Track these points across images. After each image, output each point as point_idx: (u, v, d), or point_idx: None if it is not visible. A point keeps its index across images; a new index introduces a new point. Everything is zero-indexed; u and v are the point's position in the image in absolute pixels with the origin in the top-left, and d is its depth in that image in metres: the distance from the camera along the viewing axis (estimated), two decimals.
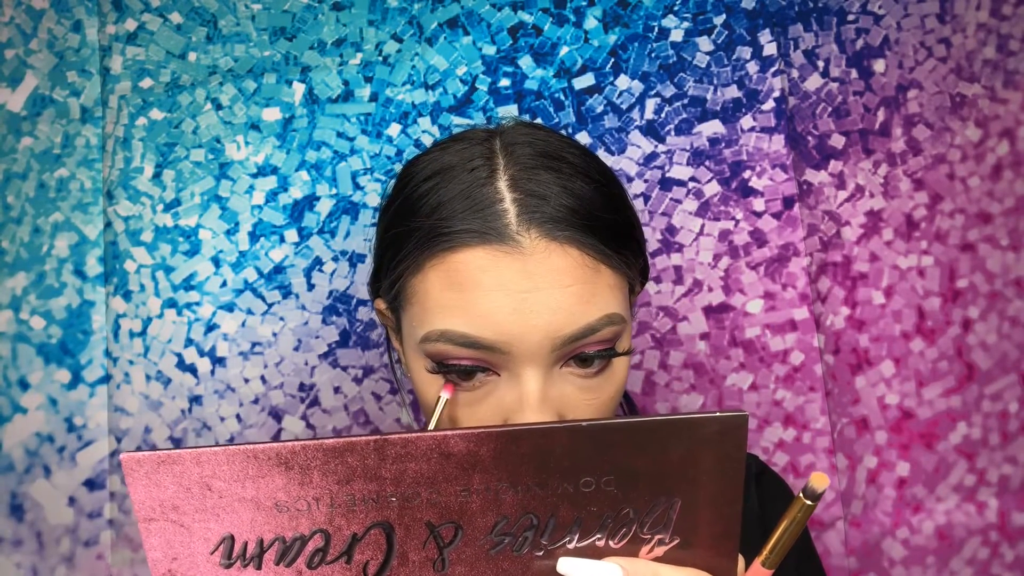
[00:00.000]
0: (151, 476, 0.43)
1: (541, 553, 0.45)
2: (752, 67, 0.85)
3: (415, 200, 0.56)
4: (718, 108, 0.85)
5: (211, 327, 0.84)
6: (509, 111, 0.85)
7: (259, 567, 0.45)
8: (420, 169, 0.58)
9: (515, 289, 0.51)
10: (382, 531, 0.45)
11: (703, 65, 0.85)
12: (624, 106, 0.85)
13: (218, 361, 0.84)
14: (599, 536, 0.45)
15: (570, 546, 0.45)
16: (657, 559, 0.46)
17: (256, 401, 0.84)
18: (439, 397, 0.55)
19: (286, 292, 0.84)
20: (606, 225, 0.54)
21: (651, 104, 0.85)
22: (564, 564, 0.45)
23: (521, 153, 0.56)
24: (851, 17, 0.87)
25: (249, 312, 0.84)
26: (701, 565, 0.46)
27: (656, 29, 0.85)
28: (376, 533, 0.45)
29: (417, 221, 0.55)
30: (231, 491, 0.44)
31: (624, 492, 0.44)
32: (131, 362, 0.84)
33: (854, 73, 0.87)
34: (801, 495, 0.44)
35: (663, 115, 0.85)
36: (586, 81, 0.85)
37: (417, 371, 0.56)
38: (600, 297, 0.53)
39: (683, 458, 0.43)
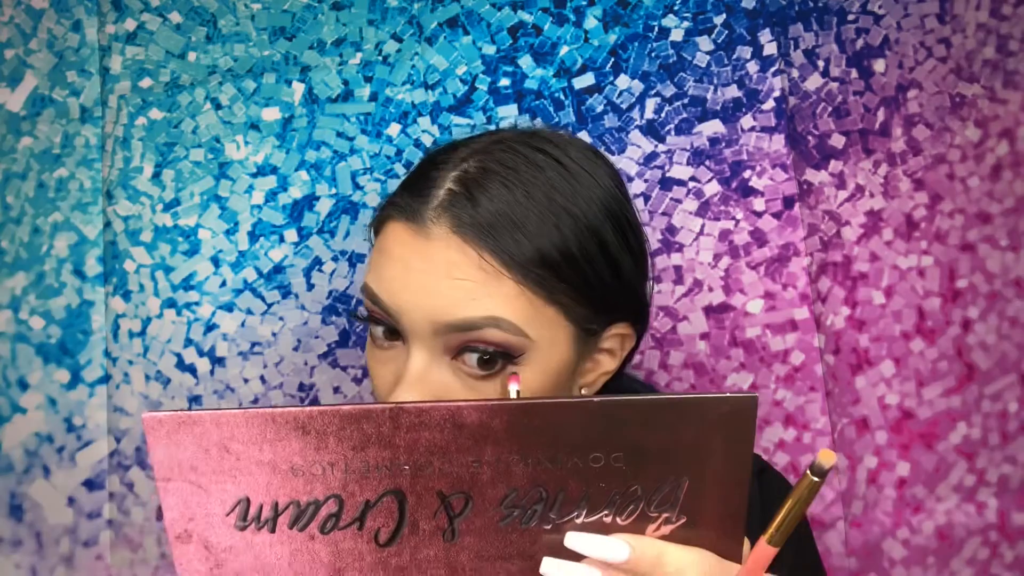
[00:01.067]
0: (171, 436, 0.43)
1: (549, 527, 0.46)
2: (752, 67, 0.85)
3: (409, 174, 0.64)
4: (718, 108, 0.85)
5: (211, 327, 0.84)
6: (509, 111, 0.85)
7: (273, 530, 0.46)
8: (430, 151, 0.67)
9: (413, 267, 0.56)
10: (394, 499, 0.45)
11: (703, 65, 0.85)
12: (624, 106, 0.85)
13: (218, 361, 0.84)
14: (607, 512, 0.45)
15: (578, 521, 0.46)
16: (663, 537, 0.46)
17: (256, 401, 0.84)
18: (510, 387, 0.57)
19: (286, 292, 0.84)
20: (523, 241, 0.55)
21: (651, 104, 0.85)
22: (572, 539, 0.46)
23: (495, 159, 0.58)
24: (851, 17, 0.87)
25: (249, 312, 0.84)
26: (707, 545, 0.46)
27: (656, 29, 0.85)
28: (388, 500, 0.45)
29: (396, 191, 0.63)
30: (248, 454, 0.44)
31: (633, 469, 0.44)
32: (131, 362, 0.83)
33: (854, 73, 0.87)
34: (808, 472, 0.44)
35: (663, 115, 0.85)
36: (586, 81, 0.85)
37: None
38: (491, 300, 0.55)
39: (692, 438, 0.44)
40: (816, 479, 0.44)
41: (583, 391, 0.63)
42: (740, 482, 0.45)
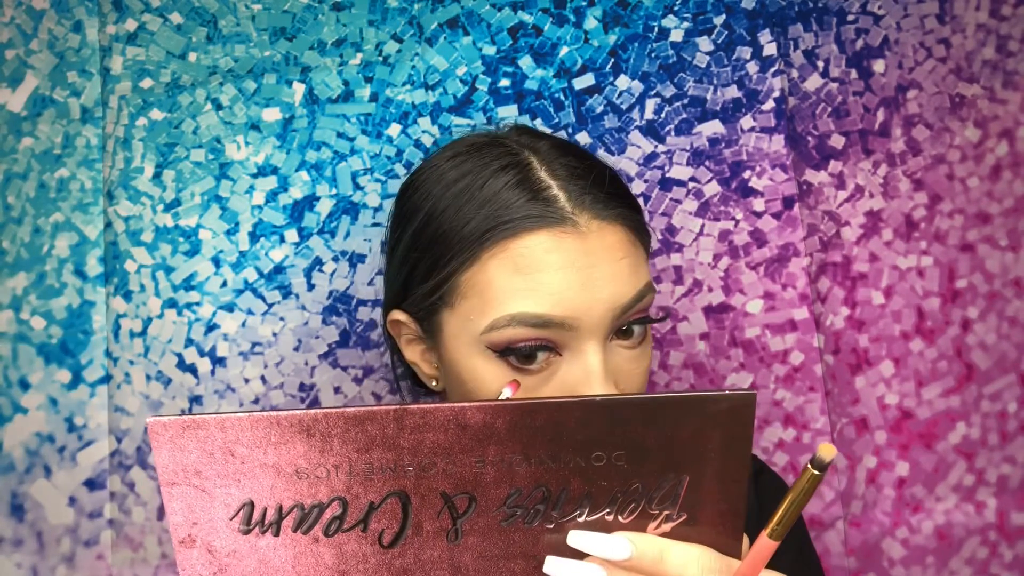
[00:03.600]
0: (175, 440, 0.44)
1: (552, 526, 0.46)
2: (752, 67, 0.85)
3: (444, 208, 0.58)
4: (718, 108, 0.85)
5: (211, 327, 0.84)
6: (509, 111, 0.85)
7: (277, 534, 0.46)
8: (436, 181, 0.61)
9: (580, 266, 0.55)
10: (398, 500, 0.45)
11: (703, 65, 0.85)
12: (624, 106, 0.85)
13: (218, 361, 0.84)
14: (608, 511, 0.46)
15: (580, 520, 0.46)
16: (664, 535, 0.47)
17: (256, 401, 0.84)
18: (501, 392, 0.56)
19: (286, 292, 0.84)
20: (631, 203, 0.60)
21: (651, 104, 0.85)
22: (574, 537, 0.46)
23: (540, 146, 0.61)
24: (851, 17, 0.87)
25: (249, 312, 0.84)
26: (707, 541, 0.47)
27: (656, 29, 0.85)
28: (392, 502, 0.45)
29: (458, 221, 0.57)
30: (253, 457, 0.44)
31: (634, 467, 0.45)
32: (131, 362, 0.84)
33: (854, 73, 0.87)
34: (809, 465, 0.45)
35: (663, 115, 0.85)
36: (586, 81, 0.85)
37: (474, 366, 0.58)
38: (642, 267, 0.59)
39: (692, 435, 0.44)
40: (817, 472, 0.44)
41: None
42: (739, 479, 0.45)
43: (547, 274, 0.55)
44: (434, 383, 0.65)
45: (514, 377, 0.57)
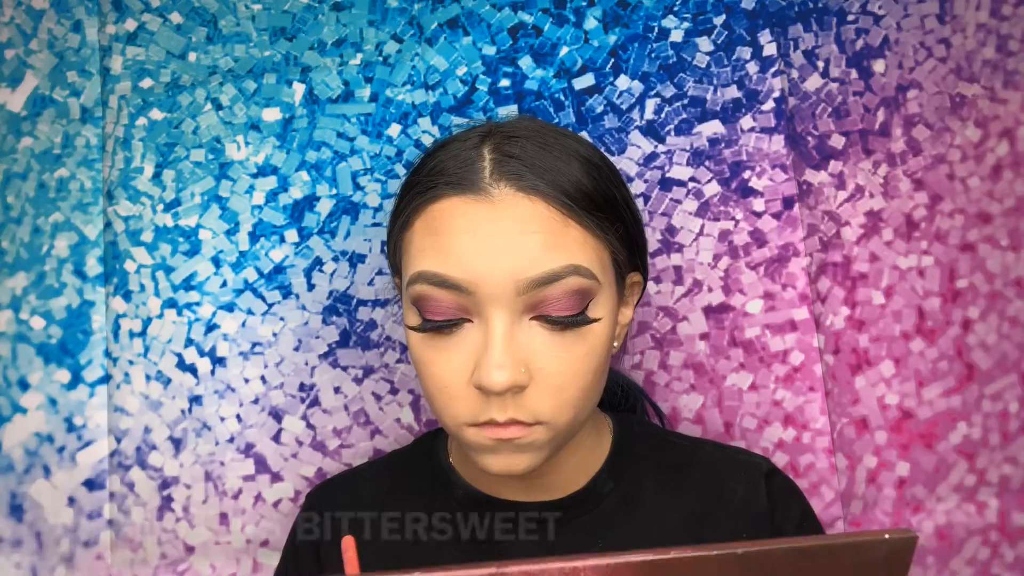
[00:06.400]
0: None
1: None
2: (752, 67, 0.85)
3: (415, 171, 0.63)
4: (718, 108, 0.85)
5: (211, 327, 0.84)
6: (509, 111, 0.85)
7: None
8: (429, 149, 0.65)
9: (483, 232, 0.56)
10: None
11: (703, 65, 0.85)
12: (624, 106, 0.85)
13: (218, 361, 0.84)
14: None
15: None
16: None
17: (256, 401, 0.84)
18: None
19: (286, 292, 0.84)
20: (577, 186, 0.59)
21: (651, 104, 0.85)
22: None
23: (510, 128, 0.62)
24: (851, 17, 0.87)
25: (249, 312, 0.84)
26: None
27: (656, 29, 0.85)
28: None
29: (412, 181, 0.62)
30: None
31: None
32: (131, 362, 0.84)
33: (854, 73, 0.87)
34: None
35: (663, 115, 0.85)
36: (586, 81, 0.85)
37: (407, 326, 0.60)
38: (566, 249, 0.57)
39: None
40: None
41: (615, 344, 0.64)
42: None
43: (451, 236, 0.57)
44: None
45: (433, 343, 0.58)
